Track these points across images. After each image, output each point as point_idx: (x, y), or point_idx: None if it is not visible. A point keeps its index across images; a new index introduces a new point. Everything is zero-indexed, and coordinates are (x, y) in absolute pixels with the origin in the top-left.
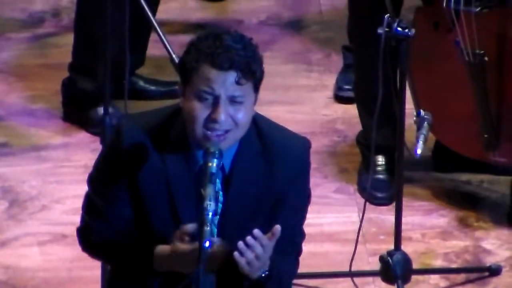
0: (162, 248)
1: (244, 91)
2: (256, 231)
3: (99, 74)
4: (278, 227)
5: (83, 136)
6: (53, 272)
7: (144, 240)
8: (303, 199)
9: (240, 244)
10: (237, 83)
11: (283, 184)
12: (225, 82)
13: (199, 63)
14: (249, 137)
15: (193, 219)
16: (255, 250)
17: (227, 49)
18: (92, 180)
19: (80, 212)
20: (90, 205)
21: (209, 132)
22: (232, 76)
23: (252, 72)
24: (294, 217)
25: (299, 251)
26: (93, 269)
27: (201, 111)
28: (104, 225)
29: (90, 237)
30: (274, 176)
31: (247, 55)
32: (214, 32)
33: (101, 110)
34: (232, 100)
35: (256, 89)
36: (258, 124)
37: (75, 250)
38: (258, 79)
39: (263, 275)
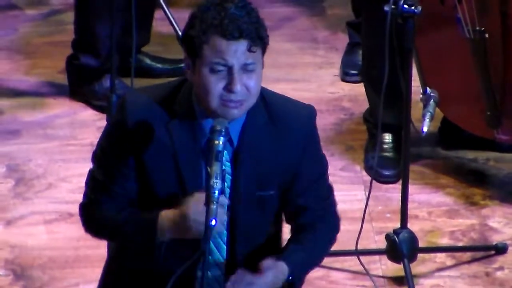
0: (167, 212)
1: (255, 58)
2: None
3: (101, 50)
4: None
5: (89, 114)
6: (60, 251)
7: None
8: (321, 163)
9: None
10: (249, 50)
11: (294, 154)
12: (236, 51)
13: (207, 35)
14: (256, 108)
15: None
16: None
17: (234, 18)
18: (96, 157)
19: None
20: (94, 182)
21: (227, 102)
22: (243, 45)
23: (261, 38)
24: (317, 181)
25: (335, 205)
26: (99, 248)
27: (215, 83)
28: (107, 200)
29: (93, 213)
30: (282, 145)
31: (254, 21)
32: (215, 1)
33: (105, 82)
34: (245, 69)
35: (264, 53)
36: (263, 94)
37: (81, 228)
38: (266, 44)
39: (287, 282)
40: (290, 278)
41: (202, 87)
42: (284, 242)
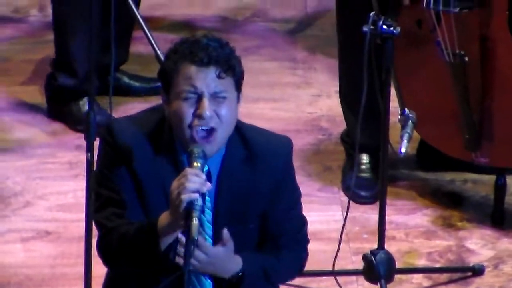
0: (162, 215)
1: (225, 86)
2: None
3: (78, 70)
4: (225, 233)
5: (67, 132)
6: (36, 269)
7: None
8: (294, 194)
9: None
10: (218, 76)
11: (270, 188)
12: (206, 78)
13: (178, 64)
14: (234, 144)
15: None
16: (197, 257)
17: (205, 47)
18: (99, 181)
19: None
20: (104, 204)
21: (195, 134)
22: (212, 71)
23: (231, 66)
24: (289, 211)
25: (305, 240)
26: (76, 266)
27: (186, 111)
28: (119, 217)
29: (110, 239)
30: (260, 181)
31: (225, 51)
32: (191, 37)
33: (82, 105)
34: (215, 97)
35: (238, 87)
36: (241, 131)
37: (58, 246)
38: (238, 75)
39: (235, 276)
40: (240, 274)
41: (174, 117)
42: None
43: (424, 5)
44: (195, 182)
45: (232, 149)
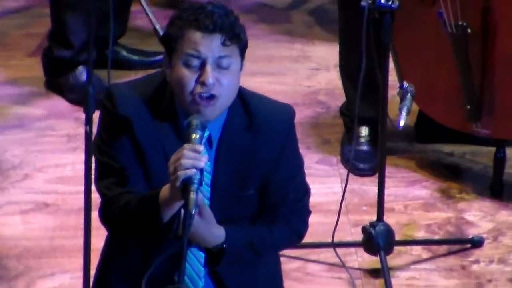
0: (164, 188)
1: (230, 53)
2: None
3: (74, 42)
4: (200, 199)
5: (66, 105)
6: (35, 241)
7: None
8: (296, 162)
9: None
10: (223, 44)
11: (272, 155)
12: (211, 44)
13: (183, 29)
14: (236, 109)
15: None
16: None
17: (211, 13)
18: (100, 148)
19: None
20: (104, 172)
21: (197, 98)
22: (217, 38)
23: (236, 34)
24: (290, 180)
25: (305, 211)
26: (75, 238)
27: (189, 77)
28: (120, 184)
29: (113, 206)
30: (261, 148)
31: (230, 19)
32: (197, 3)
33: (80, 75)
34: (219, 65)
35: (242, 54)
36: (244, 96)
37: (57, 219)
38: (243, 43)
39: (216, 247)
40: (224, 246)
41: (176, 82)
42: None
43: None
44: (190, 159)
45: (234, 115)
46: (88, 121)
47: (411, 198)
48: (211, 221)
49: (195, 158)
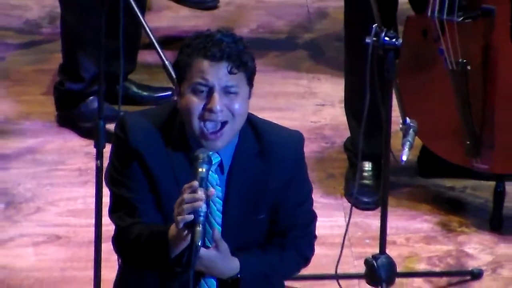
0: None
1: (237, 81)
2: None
3: (85, 75)
4: (217, 234)
5: (77, 140)
6: (47, 272)
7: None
8: (305, 188)
9: None
10: (230, 72)
11: (283, 181)
12: (218, 72)
13: (192, 58)
14: (247, 136)
15: None
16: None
17: (218, 42)
18: (112, 179)
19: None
20: (117, 203)
21: (205, 128)
22: (224, 66)
23: (243, 63)
24: (299, 206)
25: (312, 235)
26: (86, 269)
27: (197, 104)
28: (135, 216)
29: (126, 237)
30: (272, 174)
31: (238, 47)
32: (206, 31)
33: (91, 104)
34: (227, 91)
35: (250, 82)
36: (254, 124)
37: (68, 250)
38: (250, 70)
39: (232, 278)
40: (239, 276)
41: (185, 109)
42: None
43: (429, 14)
44: (189, 202)
45: (245, 141)
46: (99, 156)
47: (413, 231)
48: (227, 254)
49: (193, 200)
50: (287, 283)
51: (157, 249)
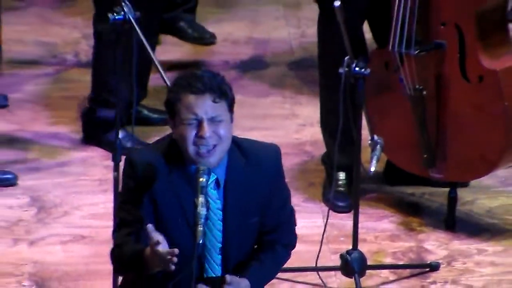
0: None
1: (220, 110)
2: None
3: (114, 102)
4: (227, 277)
5: (97, 154)
6: (73, 266)
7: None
8: (285, 191)
9: None
10: (214, 101)
11: (268, 186)
12: (204, 104)
13: (180, 94)
14: (234, 153)
15: None
16: None
17: (200, 78)
18: (121, 206)
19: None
20: (118, 225)
21: (199, 150)
22: (208, 97)
23: (223, 92)
24: (283, 206)
25: (294, 225)
26: (106, 264)
27: (189, 133)
28: (126, 236)
29: (121, 252)
30: (259, 182)
31: (217, 80)
32: (189, 71)
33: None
34: (213, 120)
35: (231, 109)
36: (237, 142)
37: (91, 248)
38: (230, 99)
39: None
40: None
41: (180, 138)
42: None
43: (390, 48)
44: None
45: (233, 159)
46: (116, 168)
47: (380, 230)
48: (238, 283)
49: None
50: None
51: (136, 266)
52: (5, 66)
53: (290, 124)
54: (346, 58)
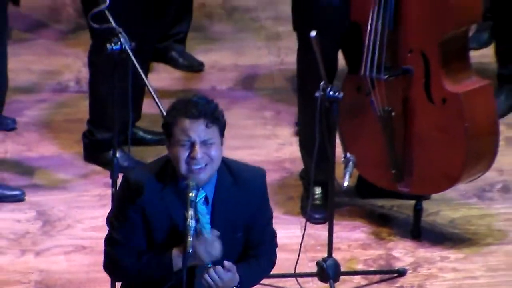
0: (176, 248)
1: (212, 134)
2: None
3: (111, 126)
4: (226, 263)
5: (97, 173)
6: (75, 274)
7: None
8: (269, 212)
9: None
10: (206, 126)
11: (253, 206)
12: (197, 128)
13: (176, 118)
14: (222, 173)
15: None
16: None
17: (195, 104)
18: (112, 222)
19: (95, 235)
20: (112, 241)
21: (192, 169)
22: (201, 122)
23: (216, 118)
24: (267, 225)
25: (275, 245)
26: (105, 272)
27: (182, 154)
28: (126, 251)
29: (117, 264)
30: (245, 201)
31: (211, 106)
32: (185, 97)
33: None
34: (205, 143)
35: (222, 133)
36: (226, 162)
37: (92, 257)
38: (222, 124)
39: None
40: (238, 286)
41: (174, 158)
42: None
43: (362, 74)
44: None
45: (222, 178)
46: (114, 185)
47: (353, 239)
48: (234, 272)
49: None
50: None
51: (159, 267)
52: (13, 92)
53: (271, 144)
54: (321, 83)
